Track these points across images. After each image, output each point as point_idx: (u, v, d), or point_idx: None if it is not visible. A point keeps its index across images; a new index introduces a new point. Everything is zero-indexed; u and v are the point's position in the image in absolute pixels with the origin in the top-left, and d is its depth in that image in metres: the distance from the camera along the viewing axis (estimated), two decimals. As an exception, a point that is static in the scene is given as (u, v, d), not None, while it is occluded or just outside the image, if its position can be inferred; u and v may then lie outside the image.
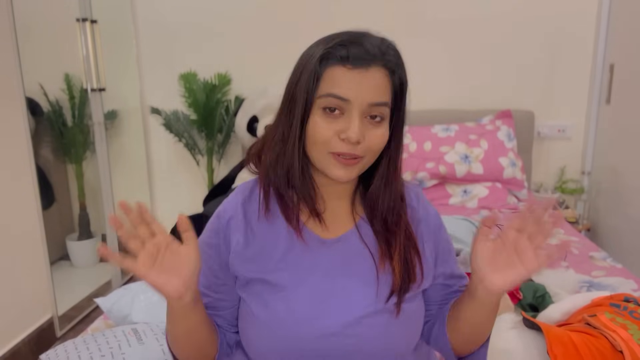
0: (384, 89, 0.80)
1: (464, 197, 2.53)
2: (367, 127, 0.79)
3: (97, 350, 1.19)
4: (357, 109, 0.78)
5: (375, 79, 0.79)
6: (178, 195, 3.16)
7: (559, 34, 2.75)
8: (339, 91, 0.77)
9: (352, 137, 0.77)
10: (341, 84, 0.77)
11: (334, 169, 0.80)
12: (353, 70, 0.77)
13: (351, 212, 0.90)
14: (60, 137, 2.75)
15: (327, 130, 0.78)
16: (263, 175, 0.87)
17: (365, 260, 0.86)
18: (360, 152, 0.79)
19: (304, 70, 0.80)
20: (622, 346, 0.98)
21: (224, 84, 2.90)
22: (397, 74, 0.82)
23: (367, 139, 0.79)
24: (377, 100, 0.79)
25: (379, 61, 0.79)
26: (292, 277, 0.84)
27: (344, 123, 0.78)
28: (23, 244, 2.11)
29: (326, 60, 0.78)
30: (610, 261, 1.83)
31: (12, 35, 2.03)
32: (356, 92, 0.77)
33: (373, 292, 0.83)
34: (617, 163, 2.58)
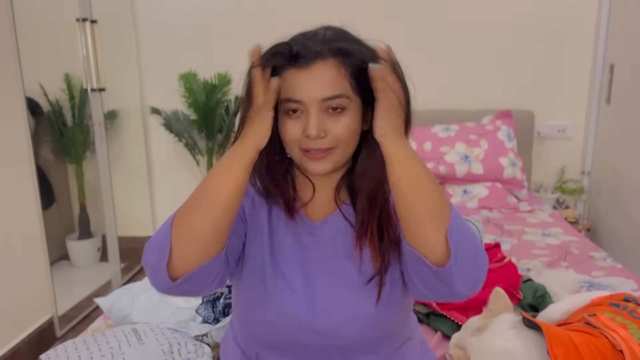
0: (335, 81, 0.81)
1: (464, 197, 2.53)
2: (329, 120, 0.83)
3: (97, 350, 1.19)
4: (311, 106, 0.82)
5: (323, 73, 0.81)
6: (178, 195, 3.16)
7: (559, 34, 2.75)
8: (290, 94, 0.82)
9: (311, 133, 0.81)
10: (291, 86, 0.82)
11: (308, 165, 0.85)
12: (298, 70, 0.82)
13: (334, 199, 0.93)
14: (60, 137, 2.75)
15: (292, 129, 0.84)
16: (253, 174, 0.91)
17: (350, 238, 0.90)
18: (327, 144, 0.83)
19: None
20: (622, 345, 0.98)
21: (224, 84, 2.90)
22: (348, 60, 0.82)
23: (330, 131, 0.83)
24: (328, 94, 0.81)
25: (324, 54, 0.81)
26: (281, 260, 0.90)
27: (306, 121, 0.82)
28: (23, 244, 2.11)
29: (272, 63, 0.82)
30: (610, 261, 1.83)
31: (12, 35, 2.03)
32: (306, 91, 0.81)
33: (357, 269, 0.88)
34: (617, 163, 2.58)
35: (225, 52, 2.93)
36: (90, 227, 2.91)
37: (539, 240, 2.05)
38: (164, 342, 1.24)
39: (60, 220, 2.91)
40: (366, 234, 0.88)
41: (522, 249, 1.94)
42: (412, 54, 2.86)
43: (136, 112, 3.05)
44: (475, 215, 2.34)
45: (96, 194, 2.81)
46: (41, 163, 2.63)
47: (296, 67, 0.82)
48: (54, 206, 2.75)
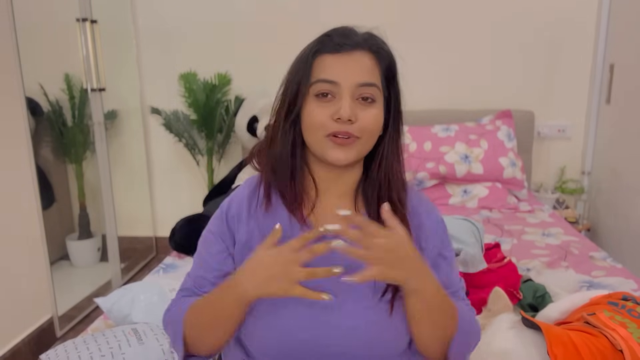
0: (371, 71, 0.85)
1: (464, 197, 2.53)
2: (359, 108, 0.83)
3: (97, 350, 1.19)
4: (346, 90, 0.82)
5: (361, 61, 0.84)
6: (178, 195, 3.16)
7: (559, 34, 2.75)
8: (327, 75, 0.83)
9: (344, 114, 0.81)
10: (329, 69, 0.83)
11: (331, 151, 0.83)
12: (338, 55, 0.84)
13: (353, 209, 0.91)
14: (60, 137, 2.75)
15: (321, 114, 0.83)
16: (264, 170, 0.90)
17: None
18: (355, 131, 0.82)
19: (297, 65, 0.87)
20: (621, 345, 0.98)
21: (224, 84, 2.90)
22: (383, 57, 0.86)
23: (360, 119, 0.83)
24: (365, 80, 0.83)
25: (363, 46, 0.85)
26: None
27: (337, 105, 0.82)
28: (23, 244, 2.11)
29: (315, 52, 0.85)
30: (610, 261, 1.83)
31: (12, 35, 2.03)
32: (343, 74, 0.83)
33: (367, 289, 0.85)
34: (617, 163, 2.58)
35: (225, 52, 2.93)
36: (90, 227, 2.91)
37: (539, 240, 2.05)
38: (164, 342, 1.24)
39: (60, 220, 2.91)
40: None
41: (522, 249, 1.94)
42: (412, 54, 2.86)
43: (136, 112, 3.05)
44: (475, 215, 2.34)
45: (96, 194, 2.81)
46: (41, 163, 2.63)
47: (335, 53, 0.84)
48: (54, 206, 2.75)
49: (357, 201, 0.91)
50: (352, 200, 0.92)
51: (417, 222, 0.91)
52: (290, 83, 0.86)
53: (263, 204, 0.90)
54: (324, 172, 0.90)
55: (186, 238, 1.99)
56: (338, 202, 0.91)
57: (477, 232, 1.56)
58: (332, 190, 0.91)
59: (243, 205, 0.91)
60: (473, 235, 1.53)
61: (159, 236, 3.21)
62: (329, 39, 0.85)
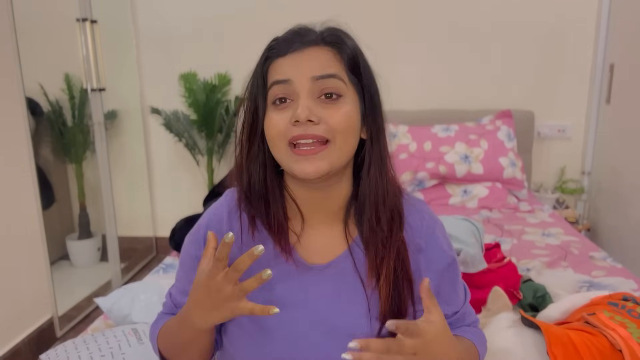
0: (329, 62, 0.75)
1: (464, 197, 2.53)
2: (322, 107, 0.73)
3: (97, 350, 1.19)
4: (301, 87, 0.73)
5: (315, 55, 0.75)
6: (178, 195, 3.16)
7: (559, 34, 2.75)
8: (279, 76, 0.74)
9: (300, 114, 0.70)
10: (281, 69, 0.75)
11: (296, 165, 0.72)
12: (288, 55, 0.75)
13: (344, 233, 0.81)
14: (60, 137, 2.75)
15: (279, 120, 0.73)
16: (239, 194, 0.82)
17: (357, 289, 0.78)
18: (321, 132, 0.71)
19: (250, 79, 0.80)
20: (621, 345, 0.98)
21: (224, 84, 2.90)
22: (343, 49, 0.76)
23: (324, 118, 0.72)
24: (321, 72, 0.73)
25: (317, 41, 0.76)
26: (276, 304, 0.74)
27: (295, 108, 0.72)
28: (23, 244, 2.11)
29: (266, 60, 0.78)
30: (610, 261, 1.83)
31: (12, 35, 2.03)
32: (295, 70, 0.74)
33: (364, 324, 0.76)
34: (617, 163, 2.58)
35: (225, 52, 2.93)
36: (90, 227, 2.91)
37: (539, 240, 2.05)
38: (163, 342, 1.23)
39: (60, 220, 2.91)
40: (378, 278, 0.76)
41: (522, 249, 1.94)
42: (412, 54, 2.88)
43: (136, 112, 3.05)
44: (475, 215, 2.34)
45: (96, 194, 2.81)
46: (41, 163, 2.64)
47: (287, 54, 0.76)
48: (54, 206, 2.75)
49: (348, 222, 0.81)
50: (342, 221, 0.81)
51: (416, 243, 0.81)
52: (248, 99, 0.78)
53: (249, 232, 0.80)
54: (306, 193, 0.79)
55: (186, 238, 1.99)
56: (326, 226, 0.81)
57: (477, 232, 1.56)
58: (318, 212, 0.80)
59: (223, 226, 0.81)
60: (473, 235, 1.53)
61: (159, 236, 3.21)
62: (277, 42, 0.78)
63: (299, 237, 0.80)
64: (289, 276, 0.79)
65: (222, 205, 0.84)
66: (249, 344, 0.78)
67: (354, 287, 0.78)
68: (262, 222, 0.80)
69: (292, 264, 0.79)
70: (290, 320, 0.76)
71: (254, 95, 0.77)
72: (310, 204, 0.80)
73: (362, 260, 0.79)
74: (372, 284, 0.77)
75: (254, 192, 0.79)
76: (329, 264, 0.79)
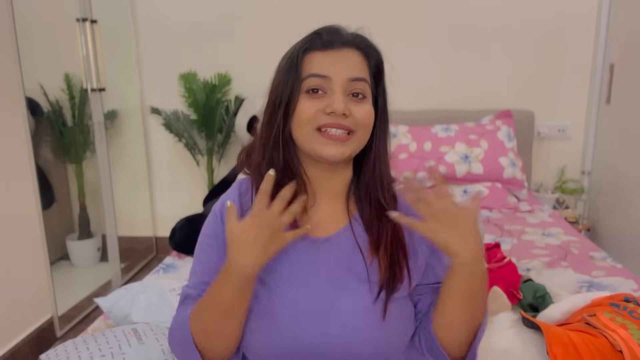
0: (361, 67, 0.86)
1: (464, 197, 2.53)
2: (351, 104, 0.83)
3: (97, 350, 1.19)
4: (338, 84, 0.83)
5: (350, 57, 0.85)
6: (178, 195, 3.16)
7: (559, 34, 2.75)
8: (318, 70, 0.83)
9: (337, 108, 0.81)
10: (319, 64, 0.84)
11: (324, 147, 0.83)
12: (328, 51, 0.85)
13: (346, 210, 0.91)
14: (60, 137, 2.75)
15: (312, 107, 0.82)
16: (254, 174, 0.90)
17: (358, 259, 0.86)
18: (351, 124, 0.83)
19: (286, 64, 0.87)
20: (621, 346, 0.98)
21: (224, 84, 2.90)
22: (371, 55, 0.88)
23: (354, 113, 0.83)
24: (356, 75, 0.84)
25: (351, 44, 0.86)
26: (284, 276, 0.85)
27: (328, 100, 0.82)
28: (23, 244, 2.11)
29: (305, 50, 0.85)
30: (610, 261, 1.83)
31: (12, 35, 2.03)
32: (334, 69, 0.83)
33: (365, 290, 0.84)
34: (617, 163, 2.58)
35: (225, 52, 2.93)
36: (90, 227, 2.91)
37: (539, 240, 2.05)
38: (164, 342, 1.24)
39: (60, 220, 2.91)
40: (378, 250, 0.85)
41: (522, 249, 1.94)
42: (412, 54, 2.87)
43: (136, 112, 3.05)
44: (475, 215, 2.34)
45: (96, 194, 2.81)
46: (41, 163, 2.63)
47: (325, 49, 0.85)
48: (54, 206, 2.75)
49: (349, 202, 0.91)
50: (345, 201, 0.91)
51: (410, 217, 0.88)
52: (280, 82, 0.86)
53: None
54: (317, 171, 0.89)
55: (186, 238, 1.99)
56: (331, 204, 0.90)
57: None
58: (325, 191, 0.90)
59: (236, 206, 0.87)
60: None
61: (159, 236, 3.21)
62: (318, 36, 0.86)
63: (307, 213, 0.88)
64: (297, 247, 0.86)
65: (234, 189, 0.93)
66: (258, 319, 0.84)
67: (354, 257, 0.86)
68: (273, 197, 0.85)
69: (300, 236, 0.85)
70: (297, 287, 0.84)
71: (288, 80, 0.85)
72: (318, 182, 0.90)
73: (361, 233, 0.88)
74: (371, 255, 0.86)
75: (274, 166, 0.86)
76: (331, 237, 0.88)
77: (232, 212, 0.79)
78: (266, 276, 0.85)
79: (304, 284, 0.84)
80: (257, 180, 0.87)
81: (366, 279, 0.84)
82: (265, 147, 0.87)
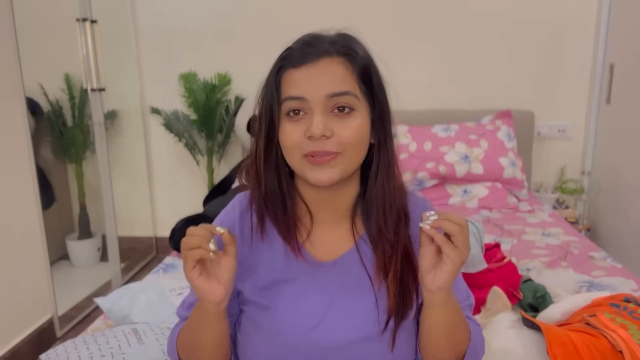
0: (342, 78, 0.76)
1: (464, 197, 2.53)
2: (335, 121, 0.76)
3: (97, 350, 1.19)
4: (315, 105, 0.75)
5: (329, 69, 0.76)
6: (178, 195, 3.16)
7: (559, 34, 2.75)
8: (293, 91, 0.76)
9: (315, 132, 0.73)
10: (295, 84, 0.76)
11: (311, 173, 0.76)
12: (302, 68, 0.76)
13: (351, 230, 0.85)
14: (60, 137, 2.75)
15: (294, 132, 0.76)
16: (252, 194, 0.85)
17: (365, 284, 0.82)
18: (332, 147, 0.75)
19: (265, 85, 0.81)
20: (621, 346, 0.98)
21: (224, 84, 2.90)
22: (355, 60, 0.78)
23: (337, 133, 0.75)
24: (335, 90, 0.75)
25: (330, 52, 0.77)
26: (287, 302, 0.82)
27: (308, 122, 0.75)
28: (23, 244, 2.11)
29: (280, 69, 0.78)
30: (610, 261, 1.83)
31: (12, 35, 2.03)
32: (310, 87, 0.75)
33: (372, 319, 0.80)
34: (617, 163, 2.58)
35: (225, 52, 2.93)
36: (90, 227, 2.91)
37: (539, 240, 2.05)
38: (164, 342, 1.24)
39: (60, 220, 2.90)
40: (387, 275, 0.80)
41: (522, 249, 1.94)
42: (412, 54, 2.87)
43: (136, 112, 3.05)
44: (475, 215, 2.34)
45: (96, 194, 2.81)
46: (41, 163, 2.63)
47: (300, 66, 0.76)
48: (54, 206, 2.75)
49: (355, 220, 0.85)
50: (350, 219, 0.85)
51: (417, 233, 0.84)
52: (262, 105, 0.80)
53: (258, 232, 0.84)
54: (315, 193, 0.83)
55: (186, 238, 1.99)
56: (334, 224, 0.85)
57: (477, 232, 1.56)
58: (327, 211, 0.84)
59: (235, 229, 0.85)
60: (473, 235, 1.53)
61: (159, 236, 3.21)
62: (291, 52, 0.78)
63: (308, 235, 0.84)
64: (299, 273, 0.82)
65: (234, 208, 0.88)
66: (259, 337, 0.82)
67: (361, 281, 0.82)
68: (274, 221, 0.83)
69: (302, 261, 0.82)
70: (301, 315, 0.80)
71: (269, 105, 0.79)
72: (320, 203, 0.84)
73: (368, 255, 0.83)
74: (379, 279, 0.80)
75: (268, 192, 0.82)
76: (337, 260, 0.83)
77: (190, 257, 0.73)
78: (269, 301, 0.82)
79: (306, 314, 0.80)
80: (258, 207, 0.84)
81: (374, 306, 0.80)
82: (258, 172, 0.82)
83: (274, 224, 0.83)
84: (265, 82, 0.81)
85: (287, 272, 0.82)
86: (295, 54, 0.77)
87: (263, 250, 0.84)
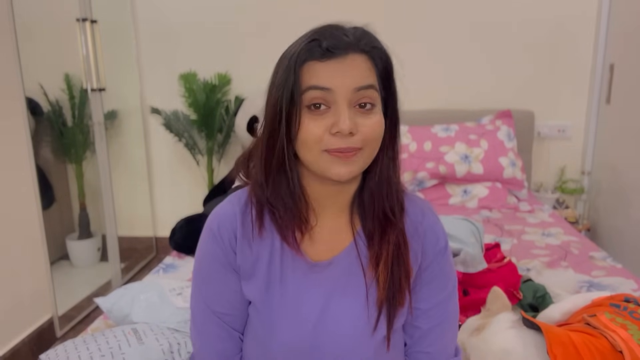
0: (367, 73, 0.76)
1: (464, 197, 2.53)
2: (358, 117, 0.75)
3: (97, 350, 1.19)
4: (342, 97, 0.73)
5: (355, 64, 0.75)
6: (178, 195, 3.16)
7: (559, 34, 2.75)
8: (319, 81, 0.73)
9: (344, 128, 0.72)
10: (319, 75, 0.74)
11: (333, 167, 0.74)
12: (330, 60, 0.74)
13: (349, 224, 0.85)
14: (60, 137, 2.75)
15: (316, 128, 0.73)
16: (253, 188, 0.83)
17: (359, 279, 0.82)
18: (357, 144, 0.74)
19: (282, 74, 0.76)
20: (621, 346, 0.98)
21: (224, 84, 2.90)
22: (377, 56, 0.78)
23: (360, 129, 0.74)
24: (362, 83, 0.74)
25: (355, 47, 0.76)
26: (280, 304, 0.82)
27: (333, 117, 0.73)
28: (23, 244, 2.11)
29: (302, 58, 0.75)
30: (610, 261, 1.83)
31: (12, 35, 2.03)
32: (337, 79, 0.73)
33: (365, 316, 0.81)
34: (617, 163, 2.58)
35: (225, 52, 2.93)
36: (90, 227, 2.91)
37: (539, 240, 2.05)
38: (164, 342, 1.24)
39: (60, 220, 2.90)
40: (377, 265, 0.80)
41: (522, 249, 1.94)
42: (412, 54, 2.87)
43: (136, 112, 3.05)
44: (475, 215, 2.34)
45: (96, 194, 2.81)
46: (41, 163, 2.63)
47: (326, 58, 0.74)
48: (54, 206, 2.75)
49: (353, 216, 0.85)
50: (349, 215, 0.85)
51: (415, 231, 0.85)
52: (277, 94, 0.76)
53: (256, 228, 0.82)
54: (321, 188, 0.82)
55: (186, 238, 1.99)
56: (334, 220, 0.85)
57: (477, 232, 1.56)
58: (329, 207, 0.84)
59: (236, 225, 0.83)
60: (473, 235, 1.53)
61: (159, 236, 3.21)
62: (317, 43, 0.74)
63: (309, 232, 0.83)
64: (296, 273, 0.82)
65: (232, 204, 0.85)
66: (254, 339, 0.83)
67: (356, 278, 0.82)
68: (274, 219, 0.82)
69: (298, 261, 0.82)
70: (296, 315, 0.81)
71: (286, 92, 0.75)
72: (325, 197, 0.83)
73: (363, 249, 0.83)
74: (372, 272, 0.81)
75: (274, 188, 0.80)
76: (333, 260, 0.83)
77: None
78: (262, 305, 0.82)
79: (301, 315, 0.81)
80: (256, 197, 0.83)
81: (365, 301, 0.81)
82: (267, 170, 0.79)
83: (273, 222, 0.82)
84: (282, 72, 0.76)
85: (288, 270, 0.82)
86: (322, 47, 0.74)
87: (260, 248, 0.83)
